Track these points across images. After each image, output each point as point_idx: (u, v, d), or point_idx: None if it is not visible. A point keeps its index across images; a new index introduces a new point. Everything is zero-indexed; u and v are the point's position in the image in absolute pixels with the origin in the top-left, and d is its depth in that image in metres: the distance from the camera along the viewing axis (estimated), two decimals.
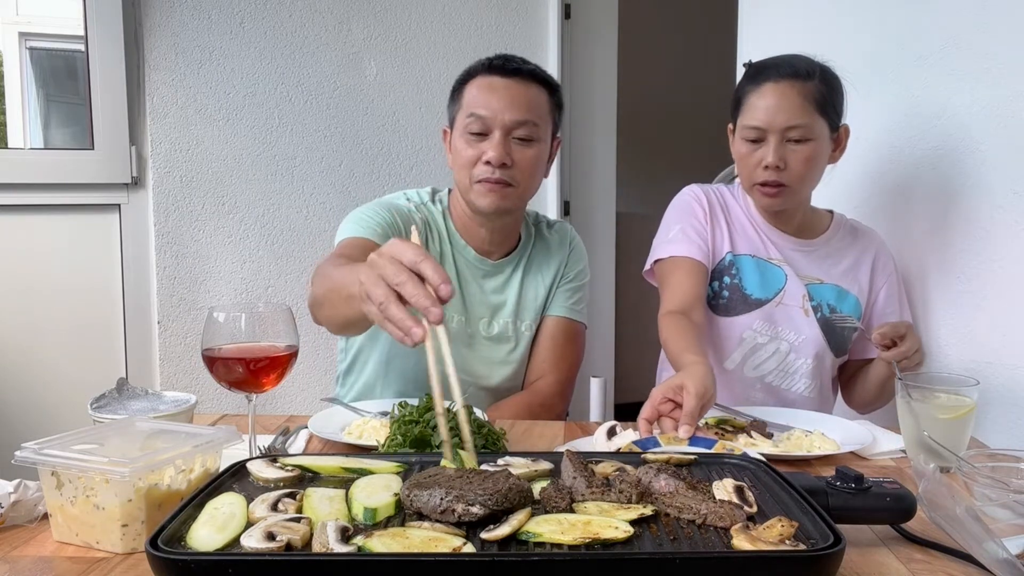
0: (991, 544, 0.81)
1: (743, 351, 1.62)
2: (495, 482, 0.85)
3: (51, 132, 2.83)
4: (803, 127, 1.49)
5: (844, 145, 1.59)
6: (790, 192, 1.54)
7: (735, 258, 1.63)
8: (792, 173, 1.51)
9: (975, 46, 1.62)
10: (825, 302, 1.63)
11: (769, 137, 1.51)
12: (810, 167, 1.53)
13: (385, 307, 0.90)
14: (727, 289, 1.62)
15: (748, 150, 1.54)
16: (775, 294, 1.61)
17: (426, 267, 0.90)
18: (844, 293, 1.65)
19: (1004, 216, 1.56)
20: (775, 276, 1.62)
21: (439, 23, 2.72)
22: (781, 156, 1.50)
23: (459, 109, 1.58)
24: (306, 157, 2.67)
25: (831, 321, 1.63)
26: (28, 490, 0.94)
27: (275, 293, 2.68)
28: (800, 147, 1.50)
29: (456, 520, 0.81)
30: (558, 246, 1.73)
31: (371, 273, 0.93)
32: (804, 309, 1.61)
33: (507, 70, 1.56)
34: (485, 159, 1.52)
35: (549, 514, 0.82)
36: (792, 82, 1.50)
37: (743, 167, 1.57)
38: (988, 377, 1.56)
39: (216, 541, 0.76)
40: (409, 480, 0.87)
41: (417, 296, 0.89)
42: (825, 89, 1.52)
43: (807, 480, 0.90)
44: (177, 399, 1.21)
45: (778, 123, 1.49)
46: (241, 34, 2.59)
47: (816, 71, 1.52)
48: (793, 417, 1.42)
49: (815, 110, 1.50)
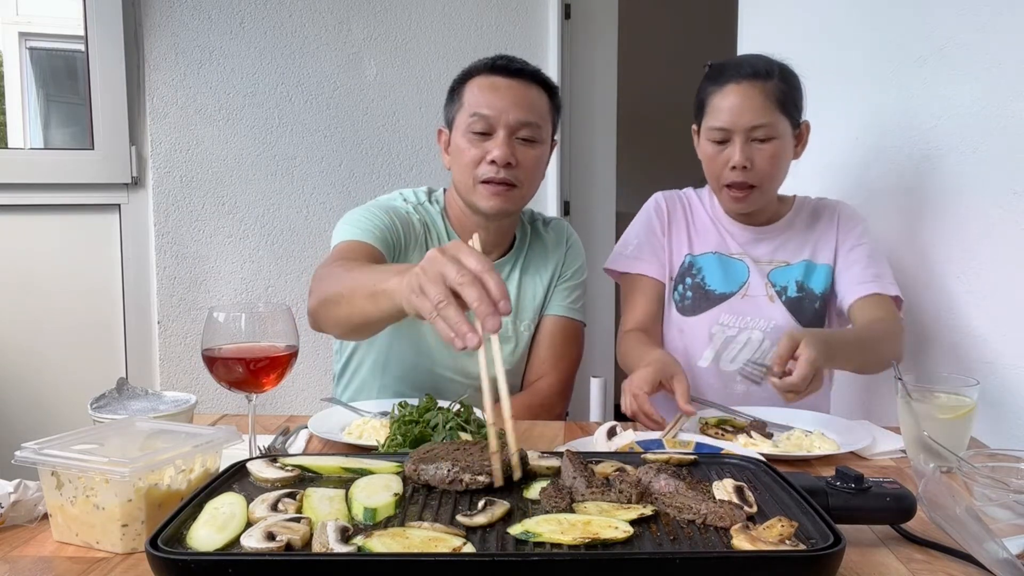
0: (991, 544, 0.82)
1: (714, 347, 1.64)
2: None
3: (51, 132, 2.83)
4: (767, 126, 1.52)
5: (806, 141, 1.62)
6: (758, 192, 1.57)
7: (694, 259, 1.68)
8: (759, 172, 1.54)
9: (975, 46, 1.62)
10: (792, 281, 1.64)
11: (734, 137, 1.54)
12: (775, 165, 1.56)
13: (443, 307, 0.89)
14: (690, 289, 1.67)
15: (714, 151, 1.57)
16: (739, 287, 1.65)
17: (491, 280, 0.89)
18: (813, 266, 1.65)
19: (1004, 216, 1.56)
20: (738, 270, 1.66)
21: (439, 23, 2.72)
22: (747, 156, 1.53)
23: (460, 108, 1.57)
24: (306, 157, 2.67)
25: (799, 300, 1.63)
26: (28, 490, 0.94)
27: (275, 293, 2.68)
28: (765, 146, 1.53)
29: (464, 489, 0.88)
30: (555, 244, 1.73)
31: (431, 270, 0.92)
32: (768, 296, 1.64)
33: (511, 71, 1.56)
34: (490, 158, 1.52)
35: (549, 514, 0.82)
36: (753, 82, 1.53)
37: (710, 168, 1.60)
38: (988, 377, 1.56)
39: (216, 541, 0.76)
40: (411, 456, 0.93)
41: (480, 302, 0.88)
42: (785, 87, 1.55)
43: (807, 480, 0.90)
44: (177, 399, 1.21)
45: (742, 123, 1.52)
46: (241, 34, 2.59)
47: (775, 70, 1.55)
48: (793, 417, 1.42)
49: (777, 108, 1.53)
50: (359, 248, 1.45)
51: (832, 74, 2.03)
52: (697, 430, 1.34)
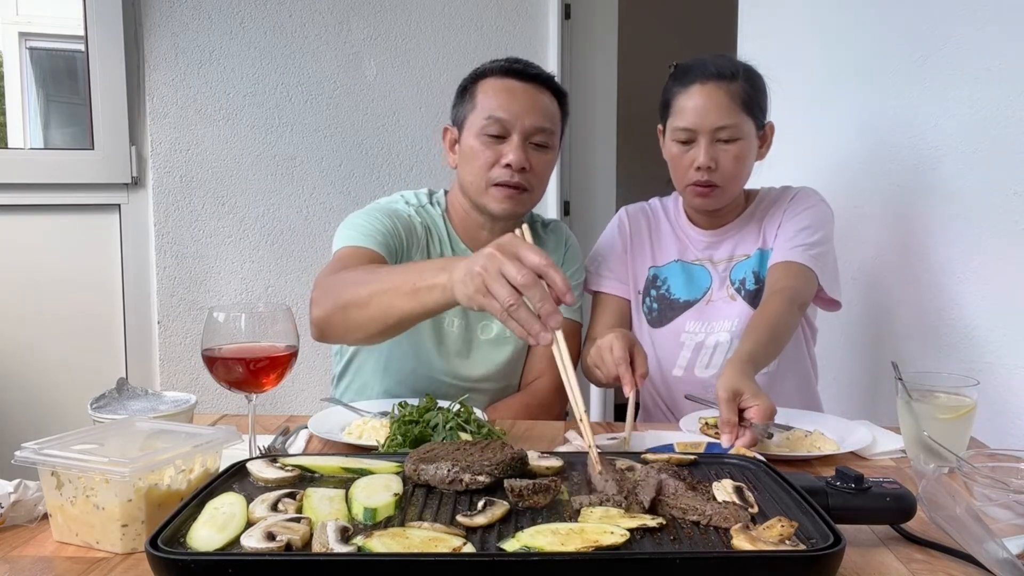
0: (991, 544, 0.82)
1: (686, 355, 1.64)
2: (494, 452, 0.93)
3: (51, 132, 2.83)
4: (731, 127, 1.53)
5: (770, 142, 1.62)
6: (721, 192, 1.57)
7: (658, 271, 1.69)
8: (723, 173, 1.54)
9: (975, 46, 1.62)
10: (749, 273, 1.63)
11: (699, 138, 1.54)
12: (740, 165, 1.56)
13: (515, 310, 0.96)
14: (655, 301, 1.68)
15: (679, 151, 1.57)
16: (703, 293, 1.65)
17: (553, 274, 0.96)
18: (766, 253, 1.64)
19: (1004, 216, 1.56)
20: (700, 276, 1.66)
21: (439, 23, 2.72)
22: (712, 156, 1.53)
23: (473, 109, 1.55)
24: (306, 157, 2.67)
25: (757, 292, 1.60)
26: (28, 490, 0.94)
27: (275, 293, 2.68)
28: (730, 147, 1.54)
29: (464, 489, 0.88)
30: (555, 247, 1.73)
31: (492, 268, 0.97)
32: (730, 295, 1.63)
33: (527, 75, 1.55)
34: (505, 162, 1.51)
35: (540, 526, 0.80)
36: (718, 83, 1.53)
37: (676, 168, 1.60)
38: (988, 377, 1.55)
39: (216, 541, 0.76)
40: (410, 456, 0.93)
41: (543, 303, 0.95)
42: (750, 88, 1.55)
43: (807, 480, 0.90)
44: (177, 399, 1.21)
45: (707, 124, 1.52)
46: (241, 34, 2.59)
47: (740, 71, 1.55)
48: (793, 417, 1.42)
49: (741, 110, 1.53)
50: (362, 254, 1.44)
51: (832, 74, 2.03)
52: (697, 430, 1.34)
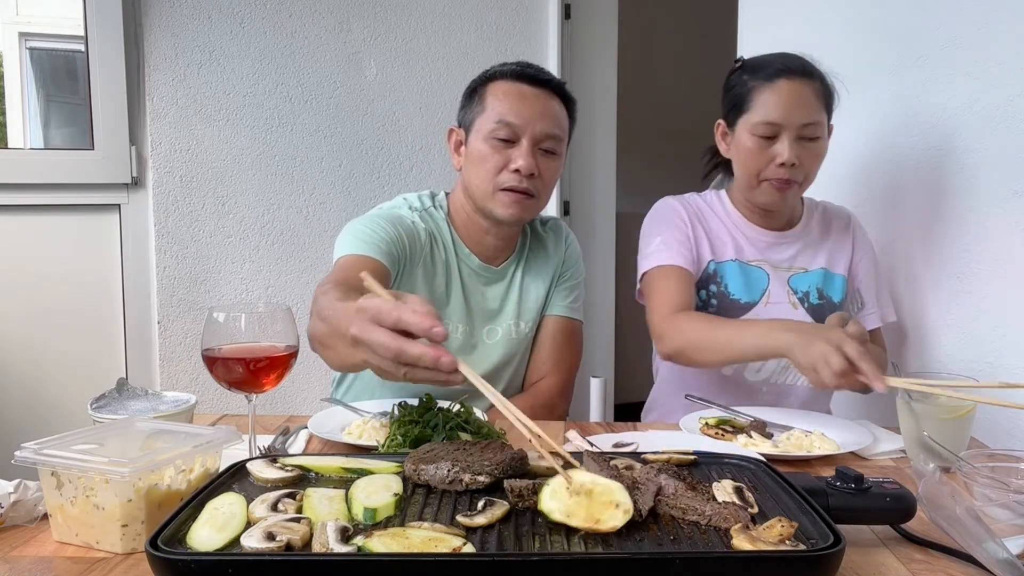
0: (991, 544, 0.81)
1: None
2: (493, 452, 0.93)
3: (51, 132, 2.83)
4: (816, 124, 1.52)
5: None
6: (798, 189, 1.57)
7: (718, 266, 1.64)
8: (804, 169, 1.54)
9: (975, 46, 1.62)
10: (813, 288, 1.64)
11: (783, 134, 1.51)
12: (818, 163, 1.56)
13: (410, 375, 0.88)
14: (715, 297, 1.63)
15: (757, 146, 1.53)
16: (761, 295, 1.63)
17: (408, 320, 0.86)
18: (831, 275, 1.65)
19: (1004, 216, 1.56)
20: (758, 277, 1.64)
21: (439, 23, 2.72)
22: (797, 153, 1.51)
23: (482, 112, 1.54)
24: (306, 157, 2.67)
25: (821, 308, 1.63)
26: (28, 490, 0.94)
27: (275, 293, 2.68)
28: (812, 144, 1.53)
29: (464, 489, 0.88)
30: (554, 245, 1.73)
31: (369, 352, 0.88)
32: (792, 303, 1.62)
33: (539, 80, 1.55)
34: (514, 167, 1.50)
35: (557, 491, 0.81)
36: (805, 80, 1.53)
37: (750, 163, 1.56)
38: (988, 377, 1.55)
39: (216, 541, 0.76)
40: (410, 456, 0.93)
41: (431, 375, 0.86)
42: (826, 88, 1.56)
43: (807, 480, 0.90)
44: (177, 399, 1.21)
45: (795, 119, 1.51)
46: (241, 34, 2.59)
47: (817, 71, 1.56)
48: (793, 417, 1.42)
49: (823, 108, 1.54)
50: (362, 264, 1.39)
51: (831, 74, 2.03)
52: (697, 430, 1.35)
